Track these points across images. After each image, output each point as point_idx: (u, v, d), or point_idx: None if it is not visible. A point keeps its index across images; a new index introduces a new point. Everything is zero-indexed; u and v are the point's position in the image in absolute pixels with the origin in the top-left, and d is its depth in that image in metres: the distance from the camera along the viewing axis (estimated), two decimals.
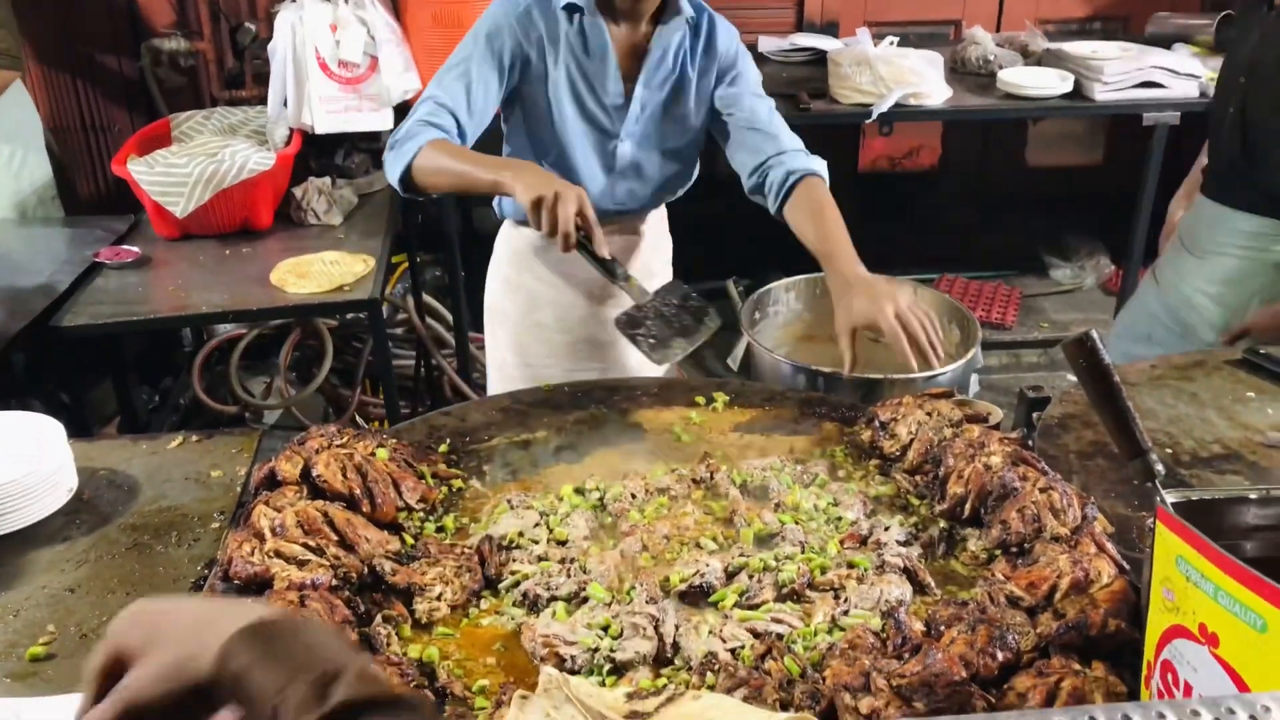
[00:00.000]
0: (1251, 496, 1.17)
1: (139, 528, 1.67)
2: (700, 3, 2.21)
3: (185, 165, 3.04)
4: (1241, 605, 1.01)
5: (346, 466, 1.59)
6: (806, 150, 2.28)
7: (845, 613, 1.41)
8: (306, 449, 1.62)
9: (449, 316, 4.16)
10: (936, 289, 4.72)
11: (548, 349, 2.44)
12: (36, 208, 3.46)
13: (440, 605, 1.44)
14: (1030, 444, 1.73)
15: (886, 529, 1.57)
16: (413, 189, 2.08)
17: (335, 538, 1.48)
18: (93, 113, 4.31)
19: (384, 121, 3.48)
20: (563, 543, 1.57)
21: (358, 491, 1.57)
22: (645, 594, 1.43)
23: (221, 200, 3.10)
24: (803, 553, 1.52)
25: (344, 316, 3.94)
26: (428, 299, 4.15)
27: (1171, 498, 1.15)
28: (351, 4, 3.39)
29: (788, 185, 2.20)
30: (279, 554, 1.40)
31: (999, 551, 1.50)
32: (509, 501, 1.66)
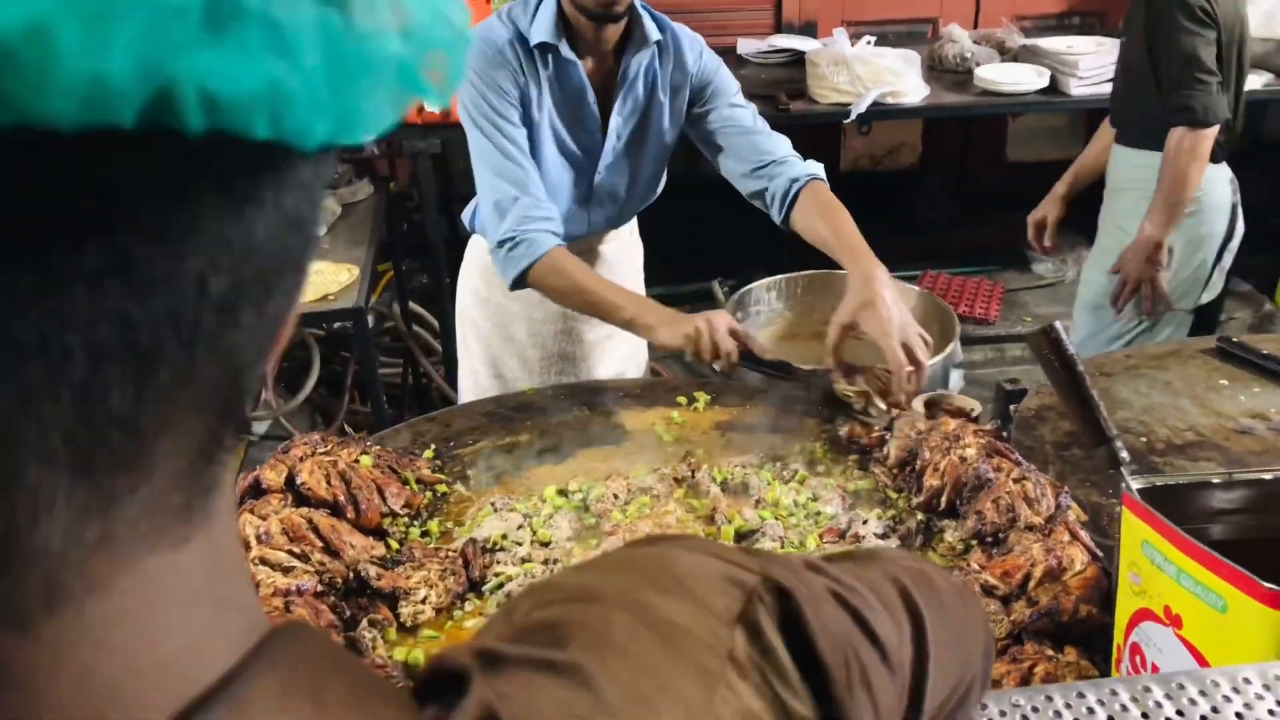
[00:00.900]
0: (1214, 481, 1.20)
1: None
2: (665, 20, 2.18)
3: None
4: (1203, 587, 1.04)
5: (330, 473, 1.61)
6: (796, 153, 2.28)
7: None
8: (291, 457, 1.63)
9: (435, 323, 4.18)
10: (920, 285, 4.77)
11: (520, 363, 2.41)
12: None
13: (425, 608, 1.46)
14: (1006, 436, 1.76)
15: (865, 522, 1.59)
16: (525, 287, 2.06)
17: (320, 544, 1.50)
18: None
19: None
20: (546, 544, 1.59)
21: (342, 498, 1.59)
22: None
23: None
24: (782, 548, 1.55)
25: (330, 326, 3.95)
26: (414, 306, 4.16)
27: (1137, 484, 1.17)
28: None
29: (792, 193, 2.17)
30: (264, 561, 1.42)
31: (975, 542, 1.53)
32: (492, 504, 1.68)
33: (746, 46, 4.27)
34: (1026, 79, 3.75)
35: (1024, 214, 3.33)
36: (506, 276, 2.04)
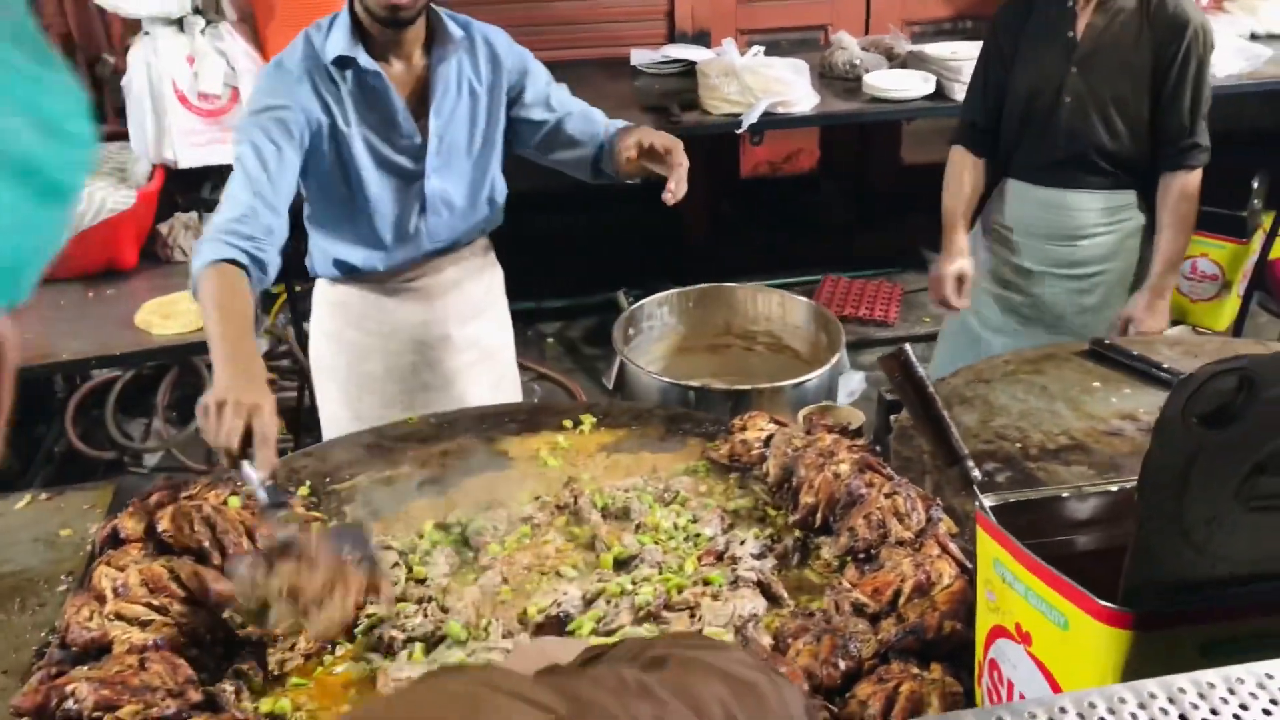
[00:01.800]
0: (1064, 495, 1.22)
1: None
2: (465, 19, 2.15)
3: None
4: (1047, 604, 1.06)
5: (194, 519, 1.55)
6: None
7: (700, 631, 1.43)
8: (150, 503, 1.58)
9: None
10: (821, 289, 4.83)
11: (380, 399, 2.31)
12: None
13: (294, 655, 1.42)
14: (881, 450, 1.78)
15: (742, 543, 1.60)
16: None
17: (182, 594, 1.45)
18: None
19: None
20: (422, 581, 1.56)
21: (207, 544, 1.54)
22: (501, 628, 1.43)
23: (80, 242, 3.01)
24: (660, 573, 1.54)
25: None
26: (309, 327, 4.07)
27: (990, 501, 1.19)
28: (209, 35, 3.31)
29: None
30: (120, 616, 1.36)
31: (849, 558, 1.54)
32: None
33: (640, 57, 4.28)
34: (913, 85, 3.82)
35: (921, 215, 3.38)
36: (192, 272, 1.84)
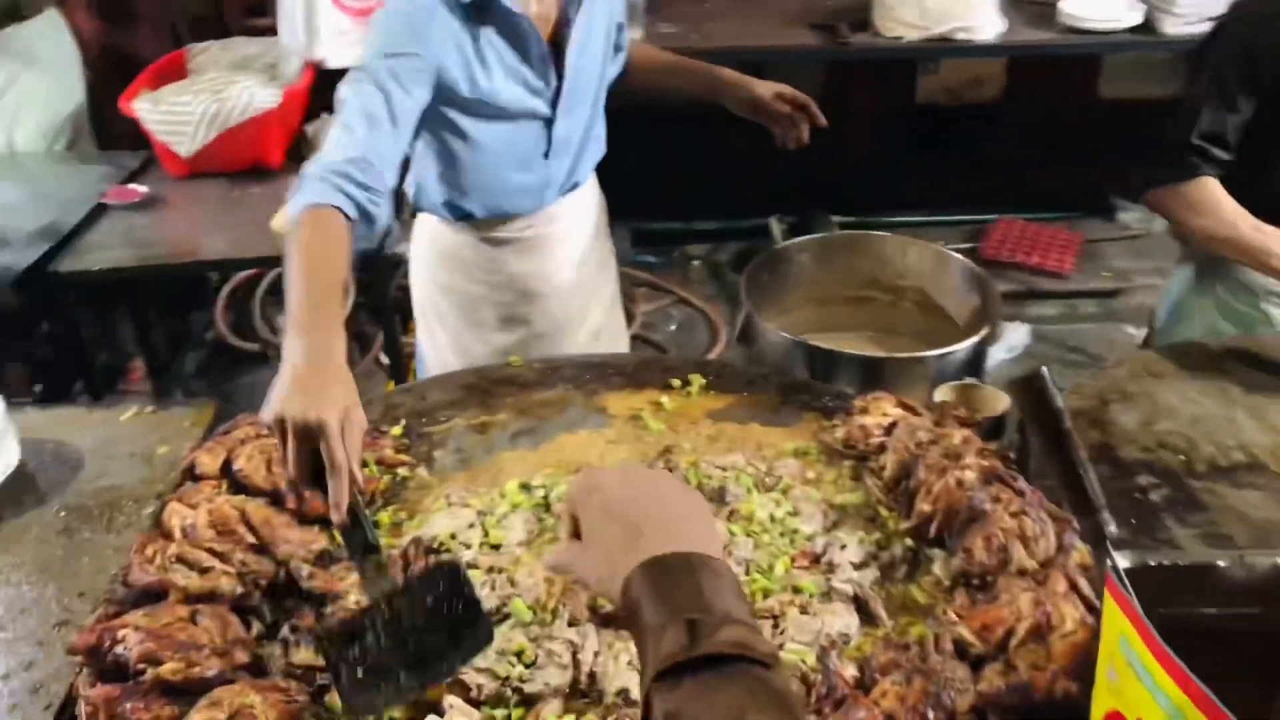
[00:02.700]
0: (1221, 564, 1.02)
1: (75, 509, 1.63)
2: None
3: (189, 104, 2.96)
4: (1178, 711, 0.88)
5: (272, 459, 1.51)
6: None
7: (780, 646, 1.29)
8: (230, 440, 1.54)
9: None
10: (991, 232, 4.48)
11: (492, 350, 2.20)
12: (68, 140, 3.43)
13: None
14: (1015, 456, 1.56)
15: (843, 547, 1.44)
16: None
17: (250, 540, 1.41)
18: (127, 42, 4.23)
19: None
20: (497, 547, 1.48)
21: (282, 486, 1.49)
22: (568, 615, 1.34)
23: (228, 139, 3.02)
24: (747, 573, 1.41)
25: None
26: None
27: (1124, 562, 1.00)
28: None
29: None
30: (181, 559, 1.33)
31: (961, 582, 1.37)
32: (448, 498, 1.57)
33: None
34: (1117, 14, 3.41)
35: (1113, 156, 3.03)
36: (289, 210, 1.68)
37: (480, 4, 1.82)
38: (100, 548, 1.55)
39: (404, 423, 1.76)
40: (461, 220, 2.09)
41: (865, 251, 2.58)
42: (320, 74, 3.31)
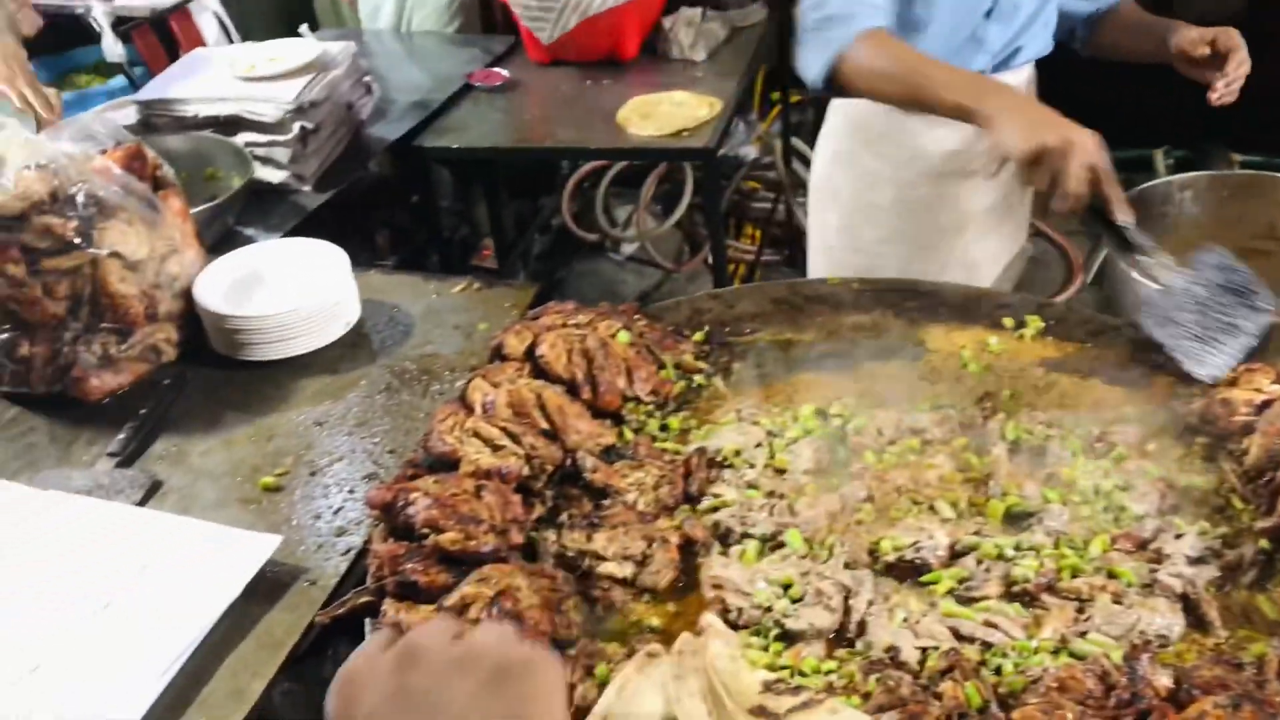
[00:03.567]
0: None
1: (398, 370, 1.74)
2: None
3: None
4: None
5: (574, 349, 1.52)
6: None
7: (1083, 634, 1.14)
8: (538, 325, 1.56)
9: None
10: None
11: (883, 234, 2.16)
12: (460, 24, 3.65)
13: (629, 512, 1.35)
14: None
15: (1178, 536, 1.24)
16: (839, 88, 1.82)
17: (543, 424, 1.43)
18: None
19: None
20: (781, 471, 1.41)
21: (580, 376, 1.50)
22: (845, 556, 1.25)
23: (588, 27, 3.08)
24: (1056, 546, 1.25)
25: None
26: (797, 143, 3.92)
27: None
28: None
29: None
30: (476, 434, 1.38)
31: None
32: (739, 413, 1.51)
33: None
34: None
35: None
36: (811, 68, 1.80)
37: None
38: (413, 410, 1.64)
39: (707, 329, 1.71)
40: None
41: (1263, 195, 2.21)
42: None
